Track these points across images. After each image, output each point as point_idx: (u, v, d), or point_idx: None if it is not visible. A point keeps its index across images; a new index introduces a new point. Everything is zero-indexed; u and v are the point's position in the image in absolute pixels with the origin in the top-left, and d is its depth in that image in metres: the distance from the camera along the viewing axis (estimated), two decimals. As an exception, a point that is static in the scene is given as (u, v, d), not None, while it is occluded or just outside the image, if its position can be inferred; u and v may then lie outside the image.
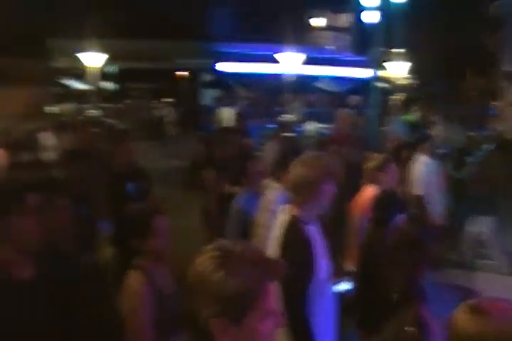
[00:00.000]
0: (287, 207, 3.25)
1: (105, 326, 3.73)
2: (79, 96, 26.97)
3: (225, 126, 13.03)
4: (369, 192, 4.88)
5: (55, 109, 23.04)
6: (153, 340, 2.98)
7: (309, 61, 20.20)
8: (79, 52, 19.38)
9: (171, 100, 27.64)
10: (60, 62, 24.87)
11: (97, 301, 3.67)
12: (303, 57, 18.21)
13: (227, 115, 16.28)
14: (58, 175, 5.87)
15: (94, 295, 3.66)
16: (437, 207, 7.25)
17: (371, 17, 16.34)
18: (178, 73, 30.56)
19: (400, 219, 4.16)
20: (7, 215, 2.40)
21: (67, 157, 5.72)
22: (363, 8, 19.23)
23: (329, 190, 3.14)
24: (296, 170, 3.15)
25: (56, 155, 8.45)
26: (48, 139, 8.50)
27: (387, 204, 4.27)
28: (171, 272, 3.14)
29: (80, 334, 3.04)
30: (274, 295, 1.59)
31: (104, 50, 19.35)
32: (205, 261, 1.54)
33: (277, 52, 18.14)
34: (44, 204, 3.83)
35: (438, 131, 12.75)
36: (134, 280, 3.02)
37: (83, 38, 18.41)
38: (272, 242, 3.28)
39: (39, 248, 2.50)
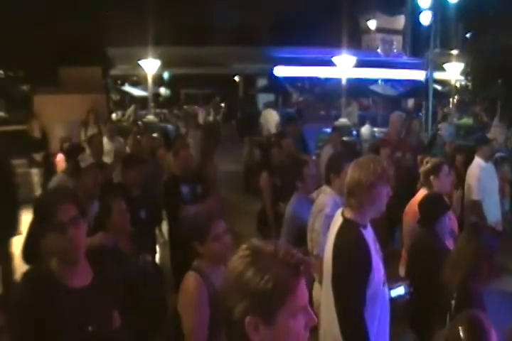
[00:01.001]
0: (342, 210, 3.25)
1: (160, 323, 3.81)
2: (137, 102, 27.54)
3: (279, 130, 13.03)
4: (423, 196, 4.81)
5: (115, 114, 23.59)
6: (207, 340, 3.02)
7: (364, 64, 20.01)
8: (137, 59, 19.81)
9: (227, 105, 27.89)
10: (120, 70, 25.49)
11: (152, 299, 3.75)
12: (358, 60, 18.07)
13: (270, 117, 16.27)
14: (117, 179, 6.02)
15: (151, 294, 3.75)
16: (494, 213, 7.06)
17: (426, 18, 16.06)
18: (234, 78, 30.85)
19: (445, 221, 4.13)
20: (54, 226, 2.41)
21: (125, 161, 5.85)
22: (416, 10, 18.92)
23: (384, 194, 3.14)
24: (352, 173, 3.16)
25: (115, 159, 8.66)
26: (108, 144, 8.70)
27: (431, 206, 4.23)
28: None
29: (139, 331, 3.10)
30: (304, 291, 1.59)
31: (161, 57, 19.70)
32: (236, 260, 1.58)
33: (333, 56, 18.07)
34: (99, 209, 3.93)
35: (495, 134, 12.41)
36: (192, 281, 3.06)
37: (141, 46, 18.80)
38: (327, 246, 3.28)
39: (96, 251, 2.54)
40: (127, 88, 30.41)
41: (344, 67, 17.68)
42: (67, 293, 2.43)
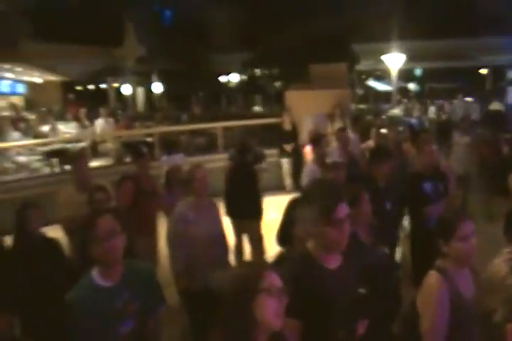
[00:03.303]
0: None
1: (394, 315, 3.74)
2: (382, 96, 27.42)
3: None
4: None
5: (360, 108, 23.77)
6: None
7: None
8: (382, 54, 19.65)
9: (474, 99, 26.32)
10: (364, 65, 25.57)
11: (386, 290, 3.69)
12: None
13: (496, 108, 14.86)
14: (366, 172, 6.04)
15: (384, 285, 3.69)
16: None
17: None
18: (481, 71, 29.00)
19: None
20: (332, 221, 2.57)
21: (373, 154, 5.85)
22: None
23: None
24: None
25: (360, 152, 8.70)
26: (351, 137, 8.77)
27: None
28: (474, 278, 2.98)
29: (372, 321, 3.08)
30: None
31: (406, 51, 19.27)
32: (500, 263, 1.45)
33: None
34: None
35: None
36: (434, 281, 2.95)
37: (386, 41, 18.59)
38: None
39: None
40: (371, 83, 30.46)
41: None
42: (327, 273, 2.62)
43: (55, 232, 5.03)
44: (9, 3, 16.65)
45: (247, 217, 6.94)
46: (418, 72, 29.49)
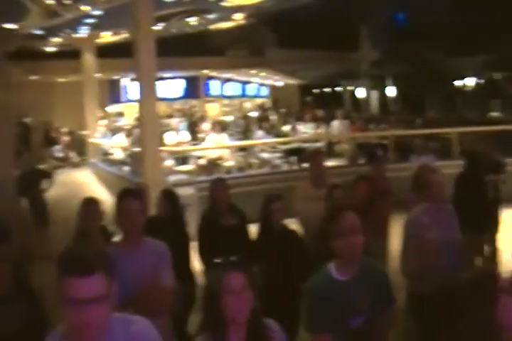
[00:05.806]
0: None
1: None
2: None
3: None
4: None
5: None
6: None
7: None
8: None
9: None
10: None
11: None
12: None
13: None
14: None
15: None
16: None
17: None
18: None
19: None
20: None
21: None
22: None
23: None
24: None
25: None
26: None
27: None
28: None
29: None
30: None
31: None
32: None
33: None
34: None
35: None
36: None
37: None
38: None
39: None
40: None
41: None
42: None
43: (290, 225, 5.26)
44: (259, 16, 17.91)
45: (475, 231, 6.46)
46: None
